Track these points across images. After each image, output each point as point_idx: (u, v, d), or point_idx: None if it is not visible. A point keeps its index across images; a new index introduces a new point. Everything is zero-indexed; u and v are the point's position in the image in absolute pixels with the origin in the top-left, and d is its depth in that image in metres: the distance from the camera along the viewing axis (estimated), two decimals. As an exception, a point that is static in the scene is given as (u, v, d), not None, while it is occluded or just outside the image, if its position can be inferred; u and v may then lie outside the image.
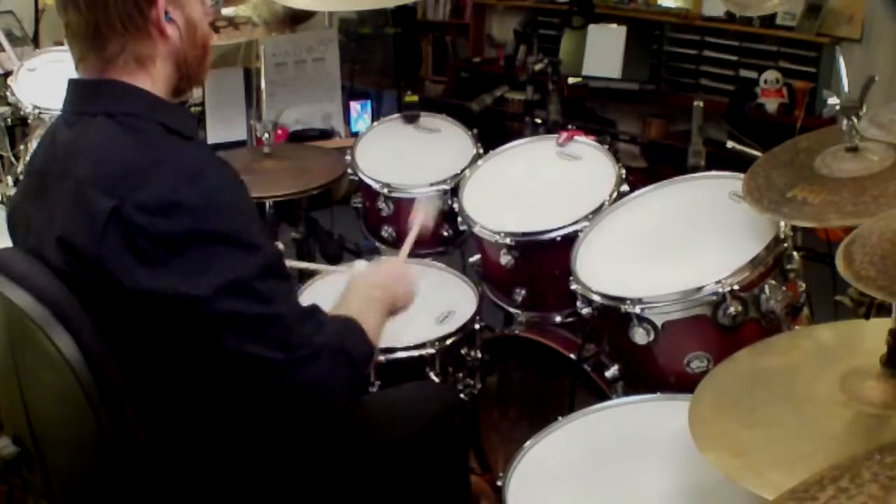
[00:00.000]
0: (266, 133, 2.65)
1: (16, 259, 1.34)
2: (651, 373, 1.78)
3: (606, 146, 2.26)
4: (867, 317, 1.36)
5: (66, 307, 1.25)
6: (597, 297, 1.78)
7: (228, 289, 1.21)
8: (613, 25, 5.00)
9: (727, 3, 2.45)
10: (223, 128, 3.63)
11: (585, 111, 5.22)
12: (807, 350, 1.38)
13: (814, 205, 1.56)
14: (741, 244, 1.72)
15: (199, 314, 1.21)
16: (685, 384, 1.57)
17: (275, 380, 1.25)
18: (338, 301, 1.51)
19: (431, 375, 2.00)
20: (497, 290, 2.21)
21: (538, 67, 2.56)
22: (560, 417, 1.64)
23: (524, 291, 2.11)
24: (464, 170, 2.39)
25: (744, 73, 4.76)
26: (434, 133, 2.66)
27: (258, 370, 1.25)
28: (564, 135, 2.29)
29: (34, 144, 2.28)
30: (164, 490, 1.34)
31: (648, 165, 4.83)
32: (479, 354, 2.15)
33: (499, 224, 2.10)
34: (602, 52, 4.99)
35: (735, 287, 1.64)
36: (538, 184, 2.26)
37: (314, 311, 1.34)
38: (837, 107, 1.63)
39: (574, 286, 1.84)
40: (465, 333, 2.08)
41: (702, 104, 2.20)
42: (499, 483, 1.51)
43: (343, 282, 1.60)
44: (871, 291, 1.06)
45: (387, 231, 2.47)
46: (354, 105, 4.12)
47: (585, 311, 1.82)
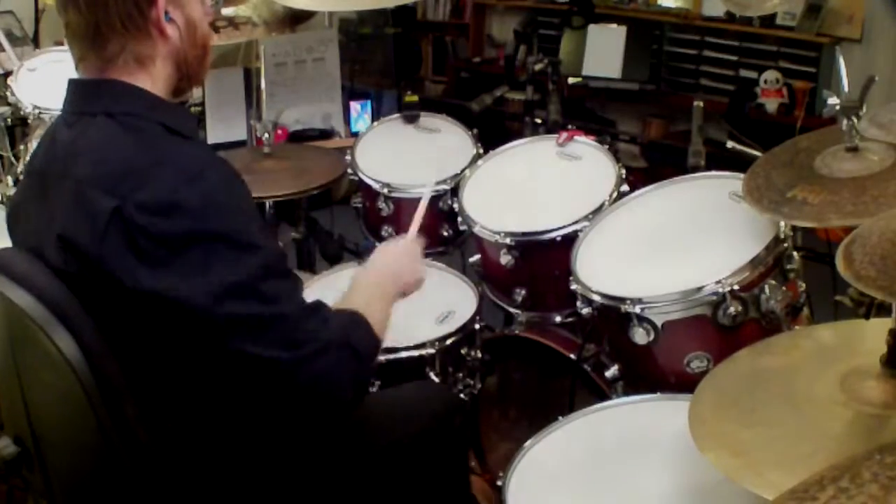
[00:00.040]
0: (266, 133, 2.65)
1: (16, 259, 1.33)
2: (651, 373, 1.78)
3: (606, 146, 2.25)
4: (867, 317, 1.36)
5: (67, 307, 1.25)
6: (597, 297, 1.78)
7: (230, 291, 1.22)
8: (613, 25, 5.00)
9: (727, 3, 2.44)
10: (223, 128, 3.62)
11: (585, 111, 5.22)
12: (807, 350, 1.38)
13: (814, 205, 1.56)
14: (741, 244, 1.72)
15: (202, 317, 1.22)
16: (685, 384, 1.57)
17: (281, 378, 1.26)
18: (343, 295, 1.51)
19: (431, 375, 1.99)
20: (497, 290, 2.21)
21: (538, 67, 2.56)
22: (560, 417, 1.64)
23: (524, 291, 2.11)
24: (464, 170, 2.39)
25: (744, 73, 4.76)
26: (434, 133, 2.66)
27: (264, 370, 1.25)
28: (564, 135, 2.29)
29: (34, 144, 2.28)
30: (165, 490, 1.34)
31: (648, 165, 4.83)
32: (479, 354, 2.15)
33: (499, 224, 2.10)
34: (602, 52, 4.99)
35: (735, 287, 1.64)
36: (538, 184, 2.25)
37: (319, 307, 1.35)
38: (837, 107, 1.63)
39: (574, 286, 1.84)
40: (465, 333, 2.07)
41: (702, 104, 2.20)
42: (499, 483, 1.51)
43: (347, 277, 1.59)
44: (871, 291, 1.06)
45: (387, 231, 2.47)
46: (354, 105, 4.11)
47: (585, 311, 1.82)
